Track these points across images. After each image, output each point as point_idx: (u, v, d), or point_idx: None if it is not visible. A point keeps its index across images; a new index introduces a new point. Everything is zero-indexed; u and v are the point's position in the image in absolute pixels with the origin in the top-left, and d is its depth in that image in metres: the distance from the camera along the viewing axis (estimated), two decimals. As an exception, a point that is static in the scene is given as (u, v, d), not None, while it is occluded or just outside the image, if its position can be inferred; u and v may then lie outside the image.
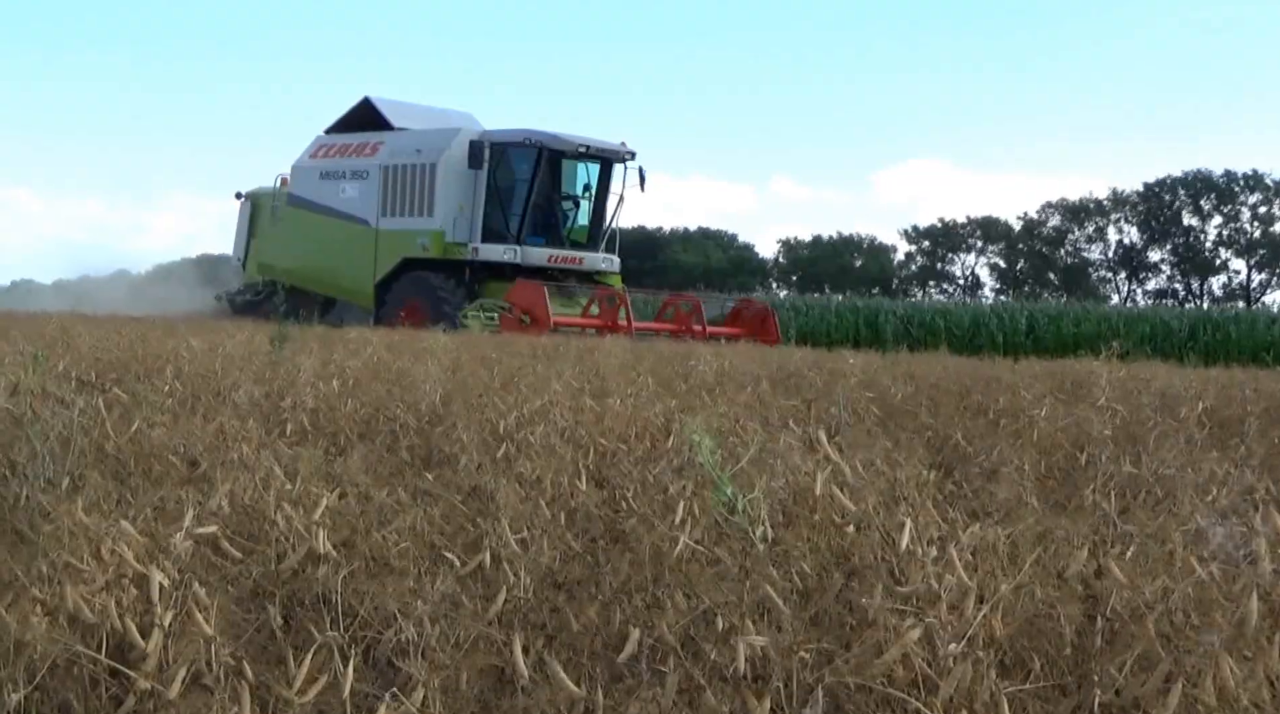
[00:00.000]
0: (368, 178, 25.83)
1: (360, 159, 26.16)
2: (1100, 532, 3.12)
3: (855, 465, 3.46)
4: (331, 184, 26.52)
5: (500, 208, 24.19)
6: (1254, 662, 2.09)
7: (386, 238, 25.22)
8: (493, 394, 5.85)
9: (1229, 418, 6.35)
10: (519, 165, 24.27)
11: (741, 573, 2.80)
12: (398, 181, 25.27)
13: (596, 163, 25.08)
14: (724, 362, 9.27)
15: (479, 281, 23.91)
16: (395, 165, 25.37)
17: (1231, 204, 76.35)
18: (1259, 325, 31.29)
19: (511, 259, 23.75)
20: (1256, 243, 75.44)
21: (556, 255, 24.48)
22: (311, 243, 26.64)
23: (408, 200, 25.07)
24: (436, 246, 24.35)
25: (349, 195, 26.12)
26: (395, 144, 25.71)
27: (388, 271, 24.94)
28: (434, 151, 24.82)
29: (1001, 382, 8.12)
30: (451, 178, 24.41)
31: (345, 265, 25.87)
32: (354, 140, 26.56)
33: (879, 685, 2.19)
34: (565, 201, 25.23)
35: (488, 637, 2.55)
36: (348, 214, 26.11)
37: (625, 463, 4.22)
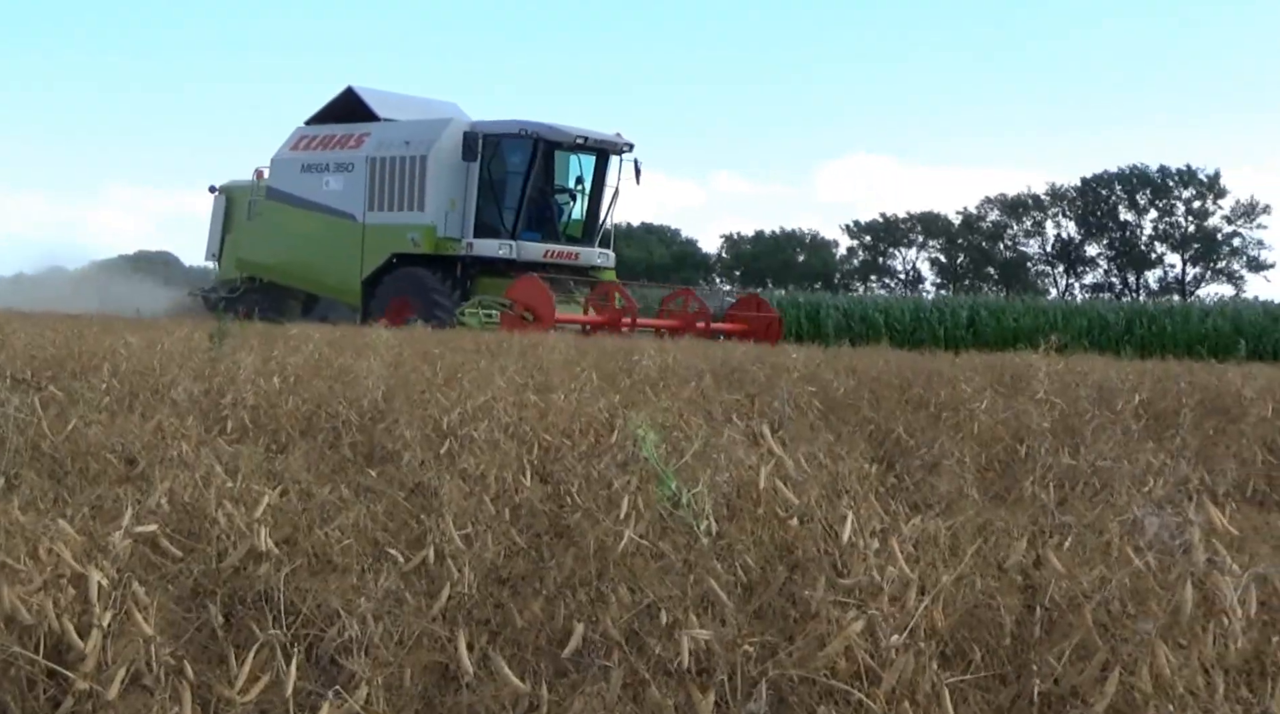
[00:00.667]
0: (353, 170, 24.88)
1: (345, 151, 25.20)
2: (1039, 523, 3.16)
3: (798, 459, 3.48)
4: (314, 177, 25.52)
5: (494, 201, 23.37)
6: (1189, 649, 2.12)
7: (374, 233, 24.29)
8: (436, 390, 5.82)
9: (1164, 410, 6.45)
10: (514, 157, 23.45)
11: (685, 567, 2.81)
12: (385, 174, 24.36)
13: (592, 155, 24.22)
14: (667, 357, 9.28)
15: (470, 278, 23.21)
16: (382, 157, 24.44)
17: (1166, 199, 77.41)
18: (1193, 319, 31.75)
19: (507, 254, 22.98)
20: (1191, 237, 76.53)
21: (552, 250, 23.66)
22: (293, 238, 25.63)
23: (396, 194, 24.18)
24: (428, 242, 23.48)
25: (333, 188, 25.18)
26: (382, 135, 24.79)
27: (375, 268, 24.06)
28: (424, 143, 23.94)
29: (942, 375, 8.19)
30: (443, 170, 23.58)
31: (330, 261, 24.92)
32: (337, 132, 25.59)
33: (822, 677, 2.21)
34: (561, 195, 24.42)
35: (431, 633, 2.54)
36: (332, 208, 25.14)
37: (569, 458, 4.21)
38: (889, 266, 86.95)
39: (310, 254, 25.37)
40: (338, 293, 24.98)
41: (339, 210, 25.02)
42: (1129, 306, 35.67)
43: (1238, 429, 5.56)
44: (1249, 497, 4.25)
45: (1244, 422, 5.81)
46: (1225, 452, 4.94)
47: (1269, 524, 2.93)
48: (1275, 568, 2.39)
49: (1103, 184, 78.96)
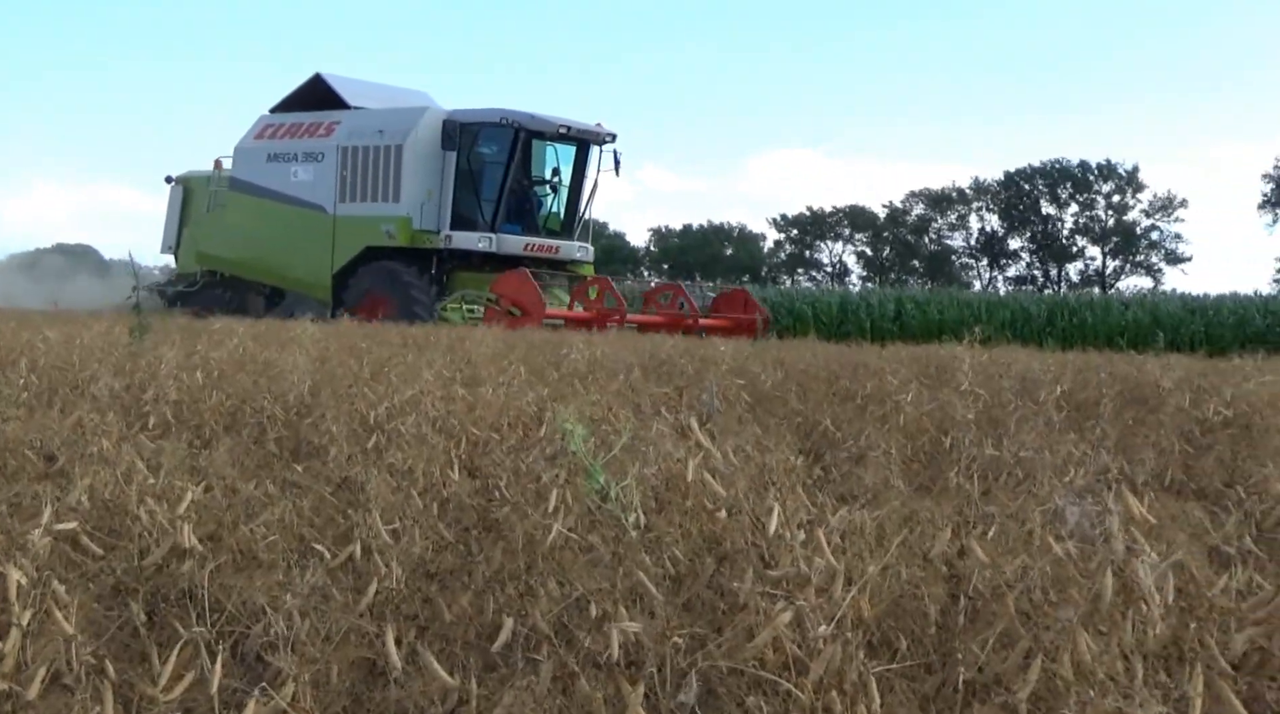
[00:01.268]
0: (322, 160, 23.73)
1: (314, 140, 23.99)
2: (963, 513, 3.20)
3: (726, 452, 3.50)
4: (281, 167, 24.26)
5: (473, 193, 22.45)
6: (1109, 636, 2.16)
7: (346, 225, 23.18)
8: (362, 384, 5.78)
9: (1085, 401, 6.55)
10: (494, 147, 22.51)
11: (614, 560, 2.81)
12: (358, 164, 23.25)
13: (573, 145, 23.30)
14: (596, 350, 9.28)
15: (446, 272, 22.33)
16: (355, 147, 23.32)
17: (1087, 193, 78.67)
18: (1113, 310, 32.26)
19: (486, 248, 22.10)
20: (1110, 231, 77.82)
21: (532, 243, 22.72)
22: (259, 230, 24.33)
23: (370, 184, 23.09)
24: (403, 234, 22.47)
25: (301, 179, 23.98)
26: (353, 124, 23.64)
27: (347, 261, 22.93)
28: (399, 132, 22.90)
29: (869, 367, 8.27)
30: (419, 160, 22.56)
31: (298, 255, 23.69)
32: (305, 120, 24.33)
33: (751, 668, 2.22)
34: (541, 186, 23.48)
35: (359, 629, 2.52)
36: (300, 199, 23.90)
37: (498, 452, 4.20)
38: (816, 260, 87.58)
39: (277, 247, 24.19)
40: (307, 287, 23.83)
41: (308, 201, 23.90)
42: (1051, 299, 36.16)
43: (1156, 419, 5.66)
44: (1167, 486, 4.33)
45: (1162, 412, 5.92)
46: (1144, 441, 5.02)
47: (1186, 513, 2.98)
48: (1192, 556, 2.44)
49: (1025, 178, 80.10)
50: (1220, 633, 2.29)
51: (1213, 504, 3.70)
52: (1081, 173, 78.57)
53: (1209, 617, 2.34)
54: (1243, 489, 3.91)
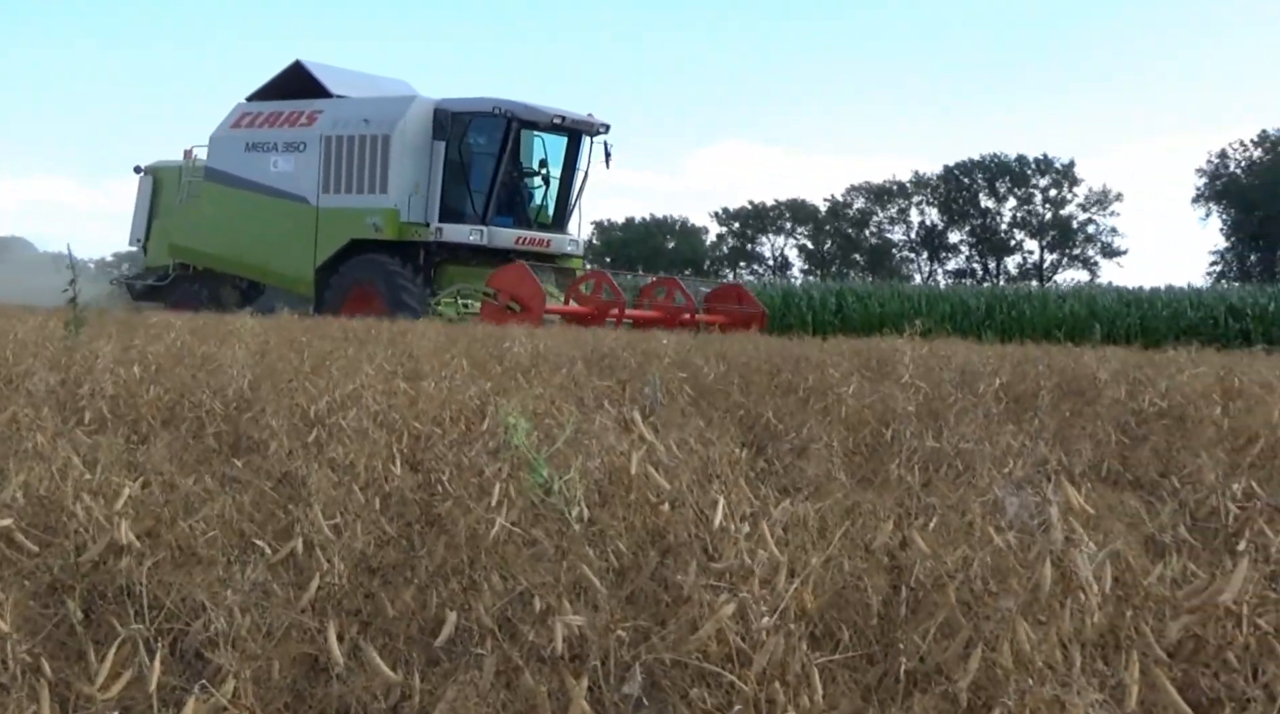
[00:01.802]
0: (305, 150, 23.01)
1: (295, 129, 23.27)
2: (905, 504, 3.22)
3: (669, 445, 3.50)
4: (260, 157, 23.54)
5: (464, 184, 21.86)
6: (1048, 625, 2.19)
7: (329, 217, 22.50)
8: (303, 378, 5.73)
9: (1024, 393, 6.61)
10: (485, 137, 21.95)
11: (558, 553, 2.81)
12: (342, 154, 22.58)
13: (564, 136, 22.75)
14: (539, 343, 9.26)
15: (435, 266, 21.75)
16: (339, 136, 22.65)
17: (1025, 187, 79.53)
18: (1050, 303, 32.65)
19: (477, 241, 21.54)
20: (1048, 224, 78.72)
21: (524, 237, 22.21)
22: (236, 222, 23.62)
23: (355, 175, 22.42)
24: (391, 227, 21.81)
25: (282, 169, 23.27)
26: (337, 113, 22.96)
27: (331, 254, 22.27)
28: (386, 122, 22.25)
29: (810, 360, 8.31)
30: (407, 151, 21.95)
31: (279, 247, 22.96)
32: (285, 108, 23.60)
33: (695, 660, 2.23)
34: (532, 178, 22.95)
35: (301, 625, 2.50)
36: (281, 190, 23.22)
37: (440, 446, 4.18)
38: (757, 253, 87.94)
39: (256, 240, 23.40)
40: (288, 282, 23.21)
41: (289, 192, 23.18)
42: (989, 292, 36.54)
43: (1093, 411, 5.73)
44: (1104, 476, 4.39)
45: (1099, 404, 5.99)
46: (1081, 432, 5.08)
47: (1122, 503, 3.02)
48: (1129, 545, 2.47)
49: (964, 172, 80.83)
50: (1156, 621, 2.33)
51: (1148, 494, 3.76)
52: (1019, 167, 79.45)
53: (1145, 605, 2.38)
54: (1177, 479, 3.97)
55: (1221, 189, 73.94)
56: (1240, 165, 74.47)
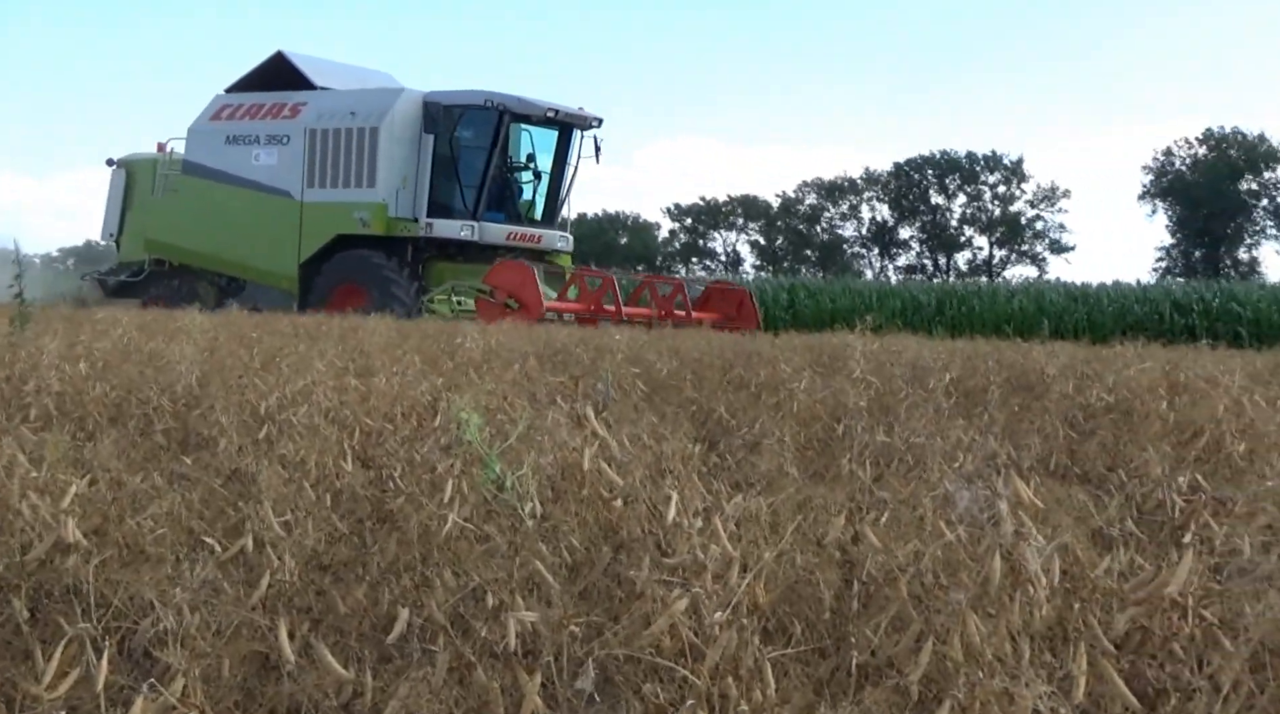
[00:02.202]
0: (288, 143, 22.29)
1: (278, 122, 22.56)
2: (856, 499, 3.24)
3: (622, 440, 3.50)
4: (241, 150, 22.75)
5: (454, 179, 21.29)
6: (997, 618, 2.21)
7: (314, 212, 21.77)
8: (253, 374, 5.68)
9: (974, 388, 6.66)
10: (477, 131, 21.32)
11: (511, 549, 2.80)
12: (328, 147, 21.89)
13: (555, 129, 22.16)
14: (491, 339, 9.23)
15: (423, 262, 21.15)
16: (324, 129, 21.95)
17: (974, 184, 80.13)
18: (1000, 299, 32.91)
19: (468, 236, 20.98)
20: (997, 221, 79.36)
21: (515, 233, 21.63)
22: (217, 217, 22.77)
23: (341, 169, 21.74)
24: (379, 222, 21.14)
25: (265, 163, 22.51)
26: (322, 105, 22.26)
27: (316, 250, 21.59)
28: (374, 114, 21.55)
29: (762, 355, 8.33)
30: (395, 144, 21.35)
31: (261, 243, 22.22)
32: (267, 100, 22.87)
33: (647, 656, 2.23)
34: (523, 172, 22.34)
35: (251, 622, 2.49)
36: (263, 184, 22.46)
37: (391, 442, 4.16)
38: (710, 249, 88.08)
39: (238, 235, 22.61)
40: (271, 278, 22.46)
41: (272, 187, 22.42)
42: (940, 288, 36.83)
43: (1041, 405, 5.78)
44: (1052, 470, 4.43)
45: (1047, 398, 6.05)
46: (1030, 427, 5.13)
47: (1070, 496, 3.05)
48: (1076, 538, 2.50)
49: (914, 168, 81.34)
50: (1103, 613, 2.35)
51: (1096, 488, 3.80)
52: (969, 164, 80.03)
53: (1092, 598, 2.41)
54: (1124, 473, 4.01)
55: (1167, 186, 74.83)
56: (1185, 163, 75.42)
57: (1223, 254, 72.50)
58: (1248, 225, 73.44)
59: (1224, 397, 5.03)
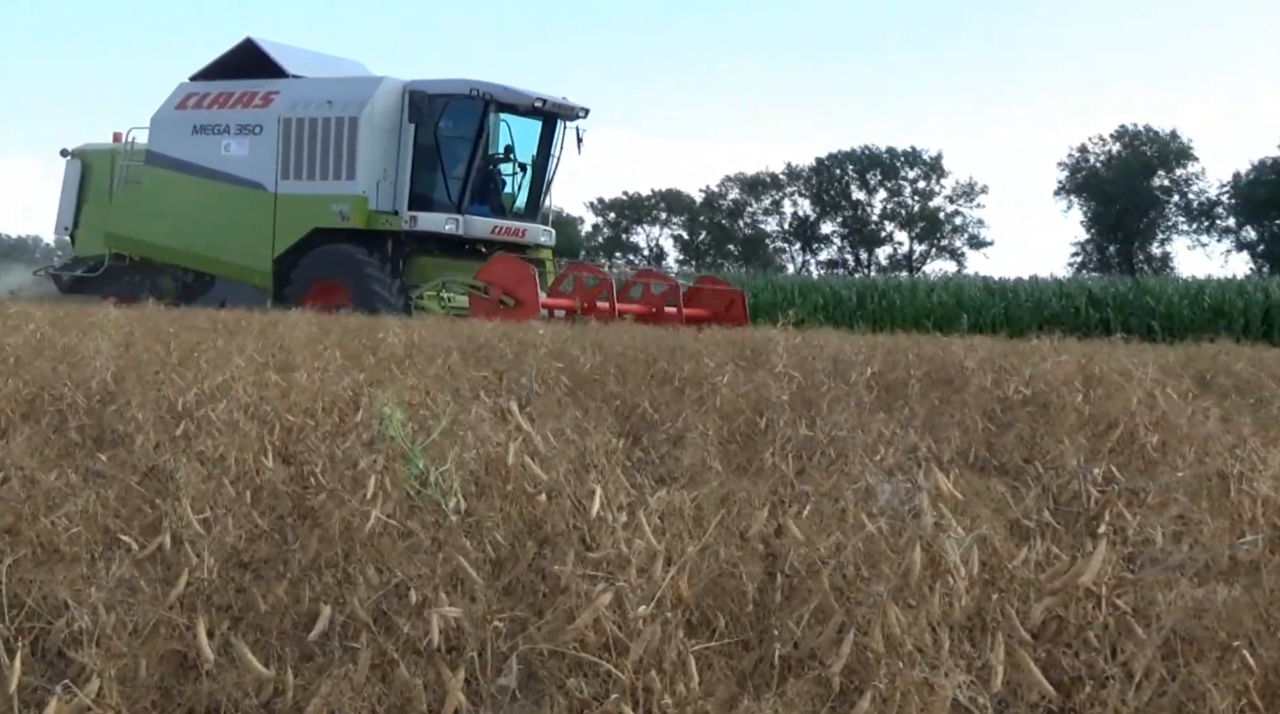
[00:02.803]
0: (260, 133, 21.29)
1: (249, 110, 21.54)
2: (779, 492, 3.26)
3: (546, 435, 3.50)
4: (210, 140, 21.72)
5: (437, 170, 20.48)
6: (917, 609, 2.23)
7: (289, 204, 20.79)
8: (170, 370, 5.60)
9: (894, 381, 6.73)
10: (461, 121, 20.51)
11: (434, 545, 2.79)
12: (303, 138, 20.94)
13: (539, 120, 21.36)
14: (413, 333, 9.17)
15: (404, 257, 20.36)
16: (300, 119, 21.00)
17: (895, 179, 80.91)
18: (920, 293, 33.25)
19: (453, 230, 20.12)
20: (916, 216, 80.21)
21: (500, 227, 20.84)
22: (184, 210, 21.71)
23: (318, 160, 20.78)
24: (359, 215, 20.21)
25: (235, 153, 21.52)
26: (296, 94, 21.29)
27: (291, 244, 20.60)
28: (353, 103, 20.68)
29: (686, 350, 8.35)
30: (375, 134, 20.46)
31: (233, 237, 21.22)
32: (237, 88, 21.81)
33: (572, 650, 2.23)
34: (507, 164, 21.44)
35: (169, 621, 2.45)
36: (234, 176, 21.46)
37: (313, 438, 4.13)
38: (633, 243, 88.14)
39: (207, 228, 21.55)
40: (242, 273, 21.36)
41: (244, 178, 21.41)
42: (861, 282, 37.09)
43: (961, 398, 5.85)
44: (971, 463, 4.48)
45: (966, 391, 6.12)
46: (949, 420, 5.18)
47: (989, 488, 3.09)
48: (995, 529, 2.53)
49: (836, 163, 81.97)
50: (1020, 603, 2.39)
51: (1014, 479, 3.86)
52: (889, 159, 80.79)
53: (1010, 588, 2.44)
54: (1041, 465, 4.08)
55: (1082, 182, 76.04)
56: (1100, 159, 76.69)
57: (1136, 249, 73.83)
58: (1160, 221, 74.86)
59: (1137, 390, 5.11)
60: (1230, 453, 3.52)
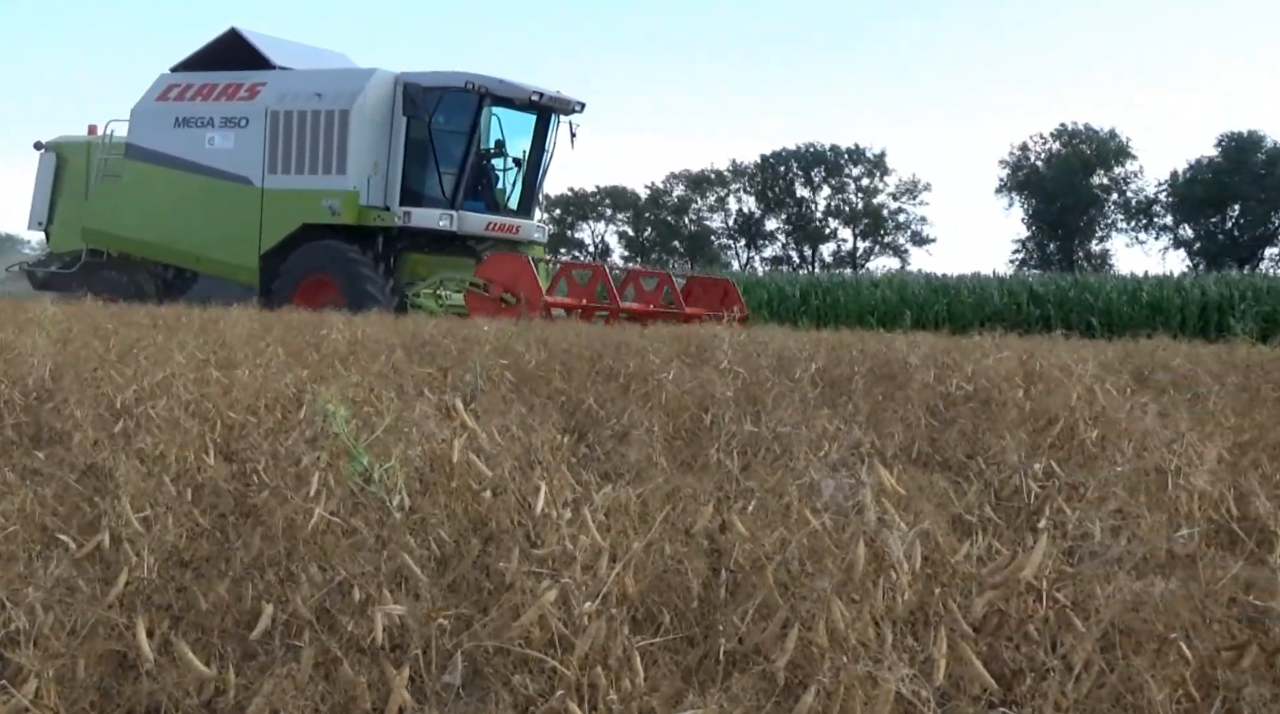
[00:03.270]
0: (246, 126, 20.77)
1: (235, 103, 20.98)
2: (724, 488, 3.27)
3: (491, 432, 3.49)
4: (193, 133, 21.17)
5: (430, 165, 20.07)
6: (861, 604, 2.25)
7: (276, 199, 20.26)
8: (109, 367, 5.53)
9: (838, 377, 6.76)
10: (456, 114, 20.06)
11: (378, 543, 2.78)
12: (291, 131, 20.45)
13: (534, 114, 20.95)
14: (357, 330, 9.12)
15: (395, 253, 19.90)
16: (288, 111, 20.50)
17: (839, 177, 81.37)
18: (863, 290, 33.48)
19: (447, 227, 19.70)
20: (860, 213, 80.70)
21: (494, 223, 20.44)
22: (166, 204, 21.15)
23: (307, 154, 20.27)
24: (350, 210, 19.76)
25: (220, 147, 20.98)
26: (284, 86, 20.77)
27: (279, 240, 20.09)
28: (344, 96, 20.16)
29: (631, 346, 8.35)
30: (366, 127, 20.01)
31: (217, 232, 20.68)
32: (221, 80, 21.23)
33: (517, 647, 2.23)
34: (501, 159, 21.08)
35: (108, 621, 2.42)
36: (218, 170, 20.90)
37: (255, 435, 4.09)
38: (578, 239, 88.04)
39: (190, 224, 21.01)
40: (227, 270, 20.82)
41: (229, 172, 20.87)
42: (805, 279, 37.30)
43: (904, 395, 5.89)
44: (914, 458, 4.52)
45: (909, 387, 6.17)
46: (893, 416, 5.22)
47: (932, 483, 3.12)
48: (937, 524, 2.56)
49: (780, 161, 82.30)
50: (962, 597, 2.41)
51: (956, 475, 3.88)
52: (833, 157, 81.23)
53: (952, 582, 2.46)
54: (983, 460, 4.11)
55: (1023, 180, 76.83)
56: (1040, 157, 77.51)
57: (1076, 246, 74.70)
58: (1099, 218, 75.81)
59: (1077, 386, 5.17)
60: (1167, 448, 3.58)
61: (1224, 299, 28.98)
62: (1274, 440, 4.48)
